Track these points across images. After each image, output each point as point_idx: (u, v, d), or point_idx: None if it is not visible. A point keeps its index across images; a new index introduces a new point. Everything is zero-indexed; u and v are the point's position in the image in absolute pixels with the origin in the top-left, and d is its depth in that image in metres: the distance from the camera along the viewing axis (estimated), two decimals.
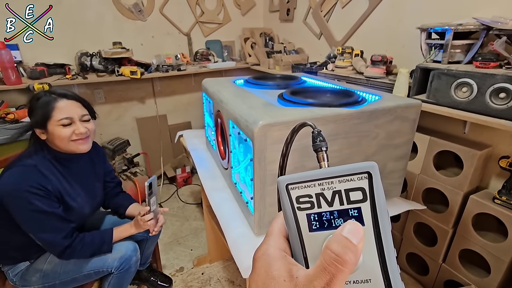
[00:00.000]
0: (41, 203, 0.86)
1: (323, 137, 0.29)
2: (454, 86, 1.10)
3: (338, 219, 0.22)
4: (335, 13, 1.99)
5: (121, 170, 2.16)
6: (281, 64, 2.16)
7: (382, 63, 1.49)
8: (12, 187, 0.84)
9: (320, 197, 0.22)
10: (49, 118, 0.89)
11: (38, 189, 0.86)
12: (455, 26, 1.09)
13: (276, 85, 1.07)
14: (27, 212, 0.86)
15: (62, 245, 0.91)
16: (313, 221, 0.22)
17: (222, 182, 1.07)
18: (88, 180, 1.07)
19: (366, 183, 0.21)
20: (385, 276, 0.21)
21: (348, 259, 0.18)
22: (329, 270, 0.18)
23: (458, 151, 1.23)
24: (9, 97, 1.86)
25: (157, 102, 2.52)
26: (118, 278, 1.03)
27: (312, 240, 0.22)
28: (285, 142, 0.33)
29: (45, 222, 0.88)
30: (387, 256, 0.21)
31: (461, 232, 1.27)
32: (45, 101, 0.90)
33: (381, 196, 0.21)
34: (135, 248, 1.07)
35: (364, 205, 0.21)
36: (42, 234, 0.90)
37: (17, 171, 0.87)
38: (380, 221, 0.21)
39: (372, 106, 0.80)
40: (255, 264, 0.23)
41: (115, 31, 2.19)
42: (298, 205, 0.22)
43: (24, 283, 0.98)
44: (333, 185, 0.22)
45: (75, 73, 1.97)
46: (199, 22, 2.51)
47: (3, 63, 1.68)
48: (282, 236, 0.24)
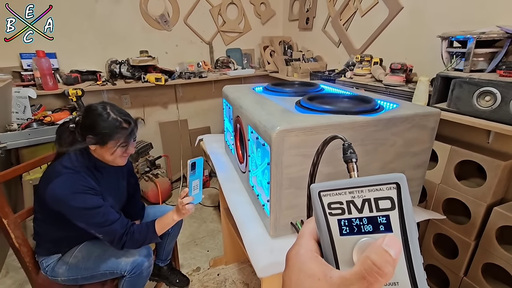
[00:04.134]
0: (94, 201, 0.95)
1: (353, 150, 0.31)
2: (477, 95, 1.08)
3: (367, 225, 0.23)
4: (354, 22, 2.00)
5: (143, 171, 2.27)
6: (299, 71, 2.19)
7: (401, 71, 1.49)
8: (68, 189, 0.93)
9: (351, 204, 0.23)
10: (114, 140, 0.98)
11: (89, 189, 0.95)
12: (478, 34, 1.08)
13: (294, 92, 1.10)
14: (85, 210, 0.94)
15: (120, 232, 0.97)
16: (344, 226, 0.24)
17: (239, 185, 1.11)
18: (117, 184, 1.15)
19: (394, 193, 0.22)
20: (412, 281, 0.22)
21: (387, 271, 0.20)
22: (368, 279, 0.20)
23: (481, 161, 1.20)
24: (46, 101, 2.02)
25: (179, 107, 2.62)
26: (130, 282, 1.06)
27: (342, 243, 0.24)
28: (316, 152, 0.35)
29: (102, 215, 0.96)
30: (414, 261, 0.22)
31: (484, 245, 1.22)
32: (113, 125, 0.97)
33: (408, 205, 0.22)
34: (148, 253, 1.10)
35: (393, 213, 0.22)
36: (102, 228, 0.97)
37: (67, 178, 0.95)
38: (407, 229, 0.22)
39: (390, 114, 0.82)
40: (289, 262, 0.25)
41: (143, 41, 2.32)
42: (330, 210, 0.24)
43: (53, 274, 1.06)
44: (363, 194, 0.23)
45: (105, 80, 2.11)
46: (221, 31, 2.61)
47: (42, 70, 1.84)
48: (312, 238, 0.26)
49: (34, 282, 1.11)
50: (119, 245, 0.99)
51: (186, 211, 1.01)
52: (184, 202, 1.00)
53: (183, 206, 1.00)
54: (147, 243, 1.06)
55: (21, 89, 1.77)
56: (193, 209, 1.02)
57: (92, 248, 1.07)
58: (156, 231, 1.03)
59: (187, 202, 1.00)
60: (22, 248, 1.05)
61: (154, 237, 1.04)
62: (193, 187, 1.00)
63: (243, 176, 1.07)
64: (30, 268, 1.07)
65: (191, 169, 0.96)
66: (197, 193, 1.03)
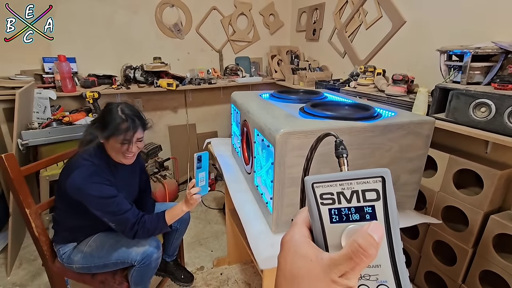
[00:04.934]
0: (110, 190, 1.03)
1: (344, 146, 0.34)
2: (473, 106, 1.13)
3: (355, 214, 0.25)
4: (359, 34, 2.08)
5: (152, 172, 2.35)
6: (305, 80, 2.27)
7: (403, 82, 1.55)
8: (86, 179, 1.01)
9: (341, 195, 0.26)
10: (114, 136, 1.04)
11: (105, 180, 1.03)
12: (474, 49, 1.14)
13: (298, 99, 1.17)
14: (101, 199, 1.01)
15: (132, 221, 1.04)
16: (334, 215, 0.26)
17: (245, 185, 1.17)
18: (130, 180, 1.22)
19: (380, 185, 0.25)
20: (392, 262, 0.25)
21: (371, 253, 0.22)
22: (354, 259, 0.22)
23: (478, 170, 1.24)
24: (64, 102, 2.14)
25: (188, 112, 2.72)
26: (139, 272, 1.12)
27: (332, 230, 0.26)
28: (310, 148, 0.38)
29: (116, 204, 1.03)
30: (395, 247, 0.25)
31: (481, 253, 1.25)
32: (115, 121, 1.04)
33: (392, 196, 0.25)
34: (157, 246, 1.16)
35: (378, 203, 0.25)
36: (115, 216, 1.03)
37: (85, 169, 1.03)
38: (390, 218, 0.25)
39: (386, 121, 0.88)
40: (284, 246, 0.28)
41: (156, 48, 2.44)
42: (322, 200, 0.26)
43: (69, 261, 1.13)
44: (352, 186, 0.25)
45: (120, 84, 2.23)
46: (231, 40, 2.72)
47: (63, 73, 1.96)
48: (305, 225, 0.28)
49: (50, 270, 1.18)
50: (131, 234, 1.05)
51: (194, 201, 1.06)
52: (191, 193, 1.05)
53: (190, 196, 1.05)
54: (158, 233, 1.12)
55: (43, 91, 1.88)
56: (199, 199, 1.08)
57: (105, 239, 1.14)
58: (166, 221, 1.09)
59: (194, 192, 1.05)
60: (41, 237, 1.12)
61: (165, 227, 1.10)
62: (200, 179, 1.06)
63: (248, 177, 1.14)
64: (47, 256, 1.15)
65: (197, 161, 1.03)
66: (203, 185, 1.08)
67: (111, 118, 1.05)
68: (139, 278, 1.14)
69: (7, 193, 1.83)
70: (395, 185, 1.03)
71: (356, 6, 2.04)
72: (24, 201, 1.08)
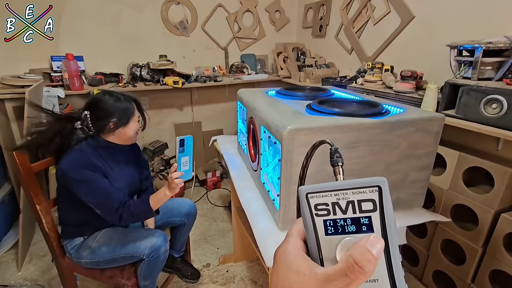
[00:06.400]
0: (92, 175, 1.03)
1: (340, 154, 0.32)
2: (484, 102, 1.11)
3: (351, 225, 0.24)
4: (366, 30, 2.05)
5: (158, 170, 2.37)
6: (311, 77, 2.25)
7: (412, 78, 1.53)
8: (70, 164, 1.03)
9: (336, 205, 0.25)
10: (132, 117, 1.13)
11: (89, 165, 1.04)
12: (485, 44, 1.11)
13: (305, 96, 1.16)
14: (83, 183, 1.02)
15: (116, 204, 1.03)
16: (329, 227, 0.25)
17: (251, 183, 1.17)
18: (126, 167, 1.22)
19: (376, 195, 0.24)
20: (390, 277, 0.23)
21: (368, 270, 0.21)
22: (350, 276, 0.21)
23: (489, 167, 1.22)
24: (72, 100, 2.17)
25: (194, 109, 2.73)
26: (148, 265, 1.13)
27: (327, 243, 0.25)
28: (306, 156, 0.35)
29: (98, 187, 1.03)
30: (393, 260, 0.23)
31: (491, 252, 1.23)
32: (129, 104, 1.13)
33: (389, 207, 0.24)
34: (165, 239, 1.17)
35: (374, 214, 0.24)
36: (99, 200, 1.04)
37: (72, 155, 1.05)
38: (388, 229, 0.23)
39: (395, 118, 0.87)
40: (276, 259, 0.27)
41: (162, 45, 2.45)
42: (316, 211, 0.25)
43: (78, 256, 1.15)
44: (347, 196, 0.24)
45: (127, 82, 2.24)
46: (236, 38, 2.71)
47: (70, 72, 1.98)
48: (299, 238, 0.27)
49: (60, 266, 1.20)
50: (116, 217, 1.03)
51: (175, 185, 1.03)
52: (173, 177, 1.02)
53: (172, 180, 1.03)
54: (143, 218, 1.14)
55: (51, 89, 1.91)
56: (181, 183, 1.05)
57: (113, 234, 1.16)
58: (151, 205, 1.06)
59: (176, 176, 1.02)
60: (51, 233, 1.14)
61: (149, 211, 1.07)
62: (182, 163, 1.03)
63: (255, 174, 1.14)
64: (57, 252, 1.17)
65: (179, 145, 1.01)
66: (186, 169, 1.05)
67: (121, 103, 1.11)
68: (148, 272, 1.15)
69: (17, 190, 1.86)
70: (403, 183, 1.02)
71: (364, 1, 2.01)
72: (35, 198, 1.10)
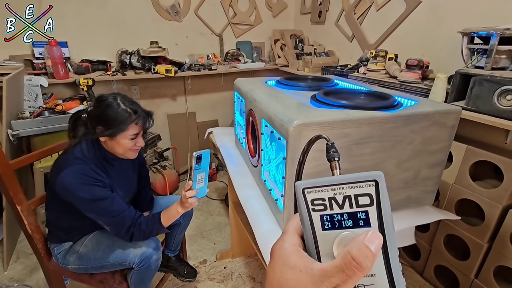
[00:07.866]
0: (102, 192, 0.95)
1: (336, 149, 0.33)
2: (498, 93, 1.05)
3: (348, 220, 0.24)
4: (369, 16, 1.95)
5: (151, 162, 2.28)
6: (310, 66, 2.16)
7: (418, 67, 1.45)
8: (75, 181, 0.93)
9: (332, 200, 0.24)
10: (122, 132, 0.97)
11: (97, 181, 0.95)
12: (502, 30, 1.04)
13: (308, 86, 1.08)
14: (93, 202, 0.94)
15: (127, 223, 0.97)
16: (326, 222, 0.25)
17: (250, 179, 1.10)
18: (126, 179, 1.14)
19: (373, 190, 0.23)
20: (388, 272, 0.23)
21: (366, 266, 0.21)
22: (347, 272, 0.21)
23: (498, 162, 1.17)
24: (57, 90, 2.03)
25: (187, 99, 2.61)
26: (138, 274, 1.06)
27: (324, 238, 0.25)
28: (302, 152, 0.35)
29: (110, 205, 0.96)
30: (390, 254, 0.23)
31: (497, 248, 1.20)
32: (124, 117, 0.96)
33: (386, 201, 0.23)
34: (157, 246, 1.09)
35: (371, 209, 0.24)
36: (110, 218, 0.97)
37: (76, 169, 0.94)
38: (385, 224, 0.23)
39: (409, 111, 0.79)
40: (273, 255, 0.26)
41: (153, 31, 2.31)
42: (313, 207, 0.25)
43: (64, 261, 1.07)
44: (344, 190, 0.24)
45: (115, 70, 2.11)
46: (231, 23, 2.57)
47: (54, 59, 1.84)
48: (296, 233, 0.27)
49: (46, 268, 1.12)
50: (127, 237, 0.99)
51: (189, 204, 0.98)
52: (187, 196, 0.97)
53: (186, 199, 0.97)
54: (155, 235, 1.06)
55: (33, 77, 1.78)
56: (196, 203, 1.00)
57: (101, 238, 1.08)
58: (162, 223, 1.02)
59: (190, 195, 0.97)
60: (35, 234, 1.06)
61: (161, 229, 1.03)
62: (198, 180, 0.97)
63: (255, 170, 1.06)
64: (42, 255, 1.09)
65: (196, 161, 0.93)
66: (201, 186, 0.99)
67: (114, 114, 0.96)
68: (139, 280, 1.08)
69: None
70: (414, 180, 0.97)
71: None
72: (14, 197, 1.00)
